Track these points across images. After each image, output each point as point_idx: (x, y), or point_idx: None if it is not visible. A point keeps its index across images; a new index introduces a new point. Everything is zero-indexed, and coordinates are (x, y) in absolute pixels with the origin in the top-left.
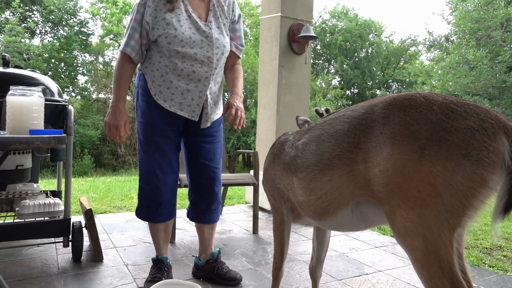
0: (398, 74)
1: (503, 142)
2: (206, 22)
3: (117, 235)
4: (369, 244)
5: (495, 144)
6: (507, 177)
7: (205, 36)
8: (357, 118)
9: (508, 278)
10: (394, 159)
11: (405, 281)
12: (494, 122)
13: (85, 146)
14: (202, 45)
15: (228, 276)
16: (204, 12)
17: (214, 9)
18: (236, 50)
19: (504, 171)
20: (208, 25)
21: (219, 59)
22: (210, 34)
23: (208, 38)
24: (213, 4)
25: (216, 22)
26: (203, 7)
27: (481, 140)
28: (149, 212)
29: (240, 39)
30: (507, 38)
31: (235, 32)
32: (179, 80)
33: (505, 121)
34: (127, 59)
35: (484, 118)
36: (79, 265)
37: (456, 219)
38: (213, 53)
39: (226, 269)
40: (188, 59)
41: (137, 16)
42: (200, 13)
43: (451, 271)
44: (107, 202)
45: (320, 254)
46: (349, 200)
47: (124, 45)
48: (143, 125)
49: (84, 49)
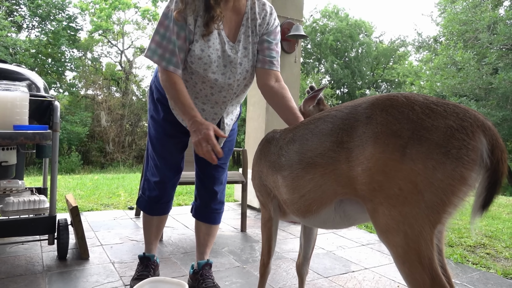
0: (387, 74)
1: (481, 140)
2: (235, 42)
3: (104, 232)
4: (356, 242)
5: (473, 143)
6: (485, 174)
7: (230, 61)
8: (341, 118)
9: (491, 275)
10: (377, 157)
11: (391, 278)
12: (472, 121)
13: (72, 143)
14: (225, 70)
15: None
16: (235, 27)
17: (246, 24)
18: (264, 64)
19: (482, 169)
20: (235, 47)
21: (240, 84)
22: (236, 60)
23: (232, 64)
24: (247, 17)
25: (245, 42)
26: (235, 21)
27: (460, 139)
28: (150, 203)
29: (269, 50)
30: (493, 40)
31: (263, 43)
32: (196, 98)
33: (483, 120)
34: (173, 74)
35: (463, 117)
36: (65, 263)
37: (436, 215)
38: (235, 80)
39: (209, 284)
40: (207, 83)
41: (180, 33)
42: (230, 28)
43: (431, 267)
44: (94, 200)
45: (307, 251)
46: (332, 198)
47: (166, 62)
48: (154, 121)
49: (72, 45)
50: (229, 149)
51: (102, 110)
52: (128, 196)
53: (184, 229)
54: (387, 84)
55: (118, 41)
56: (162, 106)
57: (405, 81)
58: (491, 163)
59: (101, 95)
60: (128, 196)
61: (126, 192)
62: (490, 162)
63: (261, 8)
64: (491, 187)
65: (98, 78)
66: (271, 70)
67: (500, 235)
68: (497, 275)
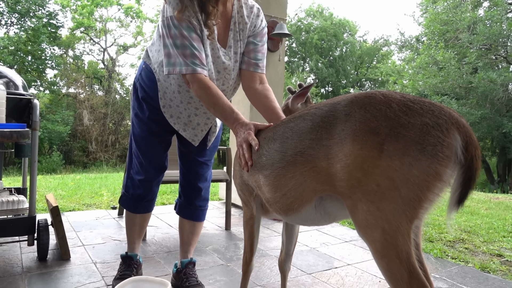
0: (371, 73)
1: (455, 137)
2: (226, 48)
3: (86, 233)
4: (339, 238)
5: (448, 140)
6: (459, 170)
7: (224, 68)
8: (320, 115)
9: (469, 269)
10: (355, 154)
11: (373, 274)
12: (447, 118)
13: (53, 142)
14: (219, 76)
15: None
16: (224, 32)
17: (234, 29)
18: (248, 66)
19: (457, 165)
20: (227, 53)
21: (231, 90)
22: (230, 67)
23: (226, 71)
24: (235, 22)
25: (235, 47)
26: (224, 25)
27: (435, 136)
28: (134, 201)
29: (255, 52)
30: (473, 40)
31: (249, 45)
32: (189, 103)
33: (458, 118)
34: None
35: (438, 114)
36: (45, 264)
37: (413, 211)
38: (228, 86)
39: (192, 283)
40: None
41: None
42: (220, 33)
43: (408, 261)
44: (76, 200)
45: (289, 248)
46: (312, 196)
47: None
48: (138, 119)
49: (53, 42)
50: (214, 145)
51: (84, 108)
52: (111, 196)
53: (168, 228)
54: (370, 83)
55: (100, 38)
56: (147, 105)
57: (388, 80)
58: (465, 159)
59: (83, 94)
60: (111, 195)
61: (109, 191)
62: (464, 158)
63: (249, 10)
64: (466, 183)
65: (80, 76)
66: (256, 72)
67: (478, 230)
68: (475, 269)
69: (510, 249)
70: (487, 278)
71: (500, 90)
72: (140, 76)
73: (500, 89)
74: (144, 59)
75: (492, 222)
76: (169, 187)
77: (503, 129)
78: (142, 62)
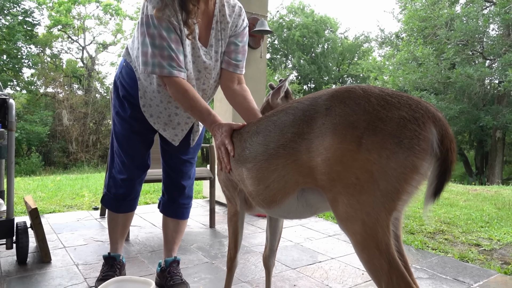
0: (352, 69)
1: (431, 131)
2: (207, 47)
3: (67, 234)
4: (323, 233)
5: (424, 133)
6: (436, 163)
7: (204, 67)
8: (302, 109)
9: (448, 259)
10: (335, 148)
11: (356, 266)
12: (424, 112)
13: (32, 143)
14: (199, 76)
15: None
16: (205, 31)
17: (216, 28)
18: (228, 66)
19: (433, 158)
20: (208, 52)
21: (212, 87)
22: (210, 66)
23: (207, 70)
24: (216, 20)
25: (216, 46)
26: (205, 24)
27: (412, 129)
28: (116, 201)
29: (235, 53)
30: (451, 36)
31: (230, 45)
32: (169, 102)
33: (434, 112)
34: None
35: (415, 108)
36: (25, 267)
37: (391, 203)
38: (209, 85)
39: (177, 281)
40: None
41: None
42: (202, 32)
43: (388, 252)
44: (57, 201)
45: (273, 244)
46: (294, 188)
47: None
48: (120, 117)
49: (29, 40)
50: (197, 144)
51: (63, 108)
52: (92, 197)
53: (152, 228)
54: (352, 79)
55: (79, 36)
56: (129, 103)
57: (369, 76)
58: (441, 152)
59: (62, 93)
60: (92, 196)
61: (91, 192)
62: (440, 151)
63: (231, 9)
64: (442, 175)
65: (59, 75)
66: (235, 73)
67: (457, 221)
68: (454, 259)
69: (488, 238)
70: (465, 267)
71: (476, 85)
72: (121, 74)
73: (477, 84)
74: (124, 56)
75: (470, 213)
76: (152, 186)
77: (480, 123)
78: (122, 60)
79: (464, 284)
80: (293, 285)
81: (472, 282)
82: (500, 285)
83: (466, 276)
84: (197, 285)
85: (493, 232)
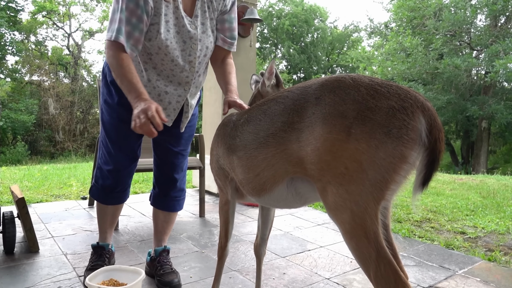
0: (341, 59)
1: (420, 120)
2: (192, 18)
3: (55, 224)
4: (312, 222)
5: (413, 123)
6: (424, 153)
7: (189, 37)
8: (292, 99)
9: (434, 247)
10: (324, 138)
11: (344, 255)
12: (413, 102)
13: (17, 132)
14: (185, 47)
15: (163, 280)
16: (191, 2)
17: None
18: (224, 44)
19: (421, 148)
20: (194, 22)
21: (201, 62)
22: (196, 36)
23: (192, 40)
24: None
25: (202, 17)
26: None
27: (401, 119)
28: (104, 192)
29: (230, 31)
30: (439, 26)
31: (224, 23)
32: (158, 80)
33: (423, 101)
34: (122, 48)
35: (404, 98)
36: (12, 257)
37: (380, 193)
38: (195, 57)
39: (167, 270)
40: (168, 62)
41: (137, 11)
42: (186, 3)
43: (376, 241)
44: (44, 191)
45: (264, 233)
46: (283, 176)
47: (116, 32)
48: (107, 105)
49: (13, 27)
50: (189, 135)
51: (49, 97)
52: (80, 186)
53: (141, 217)
54: (341, 69)
55: (64, 23)
56: (116, 89)
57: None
58: (429, 142)
59: (48, 81)
60: (80, 186)
61: (79, 182)
62: (428, 141)
63: None
64: (430, 165)
65: (44, 63)
66: (229, 50)
67: (444, 209)
68: (440, 246)
69: (472, 226)
70: (451, 255)
71: (464, 76)
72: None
73: (464, 75)
74: None
75: (456, 202)
76: (141, 175)
77: (467, 113)
78: None
79: (450, 271)
80: (282, 273)
81: (458, 268)
82: (484, 271)
83: (451, 263)
84: (187, 273)
85: (478, 220)
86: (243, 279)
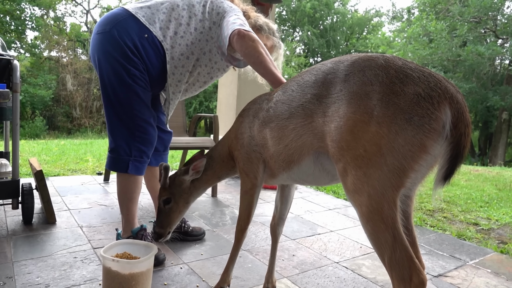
0: (360, 44)
1: (446, 112)
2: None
3: (71, 197)
4: (323, 206)
5: (437, 113)
6: (448, 147)
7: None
8: (323, 72)
9: (446, 236)
10: (348, 117)
11: (354, 240)
12: (441, 92)
13: (36, 107)
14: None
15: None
16: None
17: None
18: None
19: (444, 140)
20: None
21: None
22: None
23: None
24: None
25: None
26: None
27: (424, 107)
28: (142, 163)
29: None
30: (464, 12)
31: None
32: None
33: (453, 93)
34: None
35: (433, 86)
36: (30, 227)
37: (398, 180)
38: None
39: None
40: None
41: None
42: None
43: (394, 227)
44: (61, 165)
45: (283, 213)
46: (309, 149)
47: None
48: (134, 78)
49: (33, 2)
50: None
51: (67, 73)
52: (96, 162)
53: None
54: None
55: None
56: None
57: (377, 51)
58: (453, 136)
59: (66, 58)
60: (96, 161)
61: (95, 157)
62: (452, 134)
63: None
64: (453, 160)
65: (62, 39)
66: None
67: (457, 200)
68: (451, 236)
69: (486, 218)
70: (462, 245)
71: (487, 64)
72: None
73: (487, 63)
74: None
75: (471, 193)
76: None
77: (487, 103)
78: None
79: (460, 261)
80: (292, 255)
81: (468, 259)
82: (495, 263)
83: (462, 253)
84: (198, 251)
85: (492, 212)
86: (253, 258)
